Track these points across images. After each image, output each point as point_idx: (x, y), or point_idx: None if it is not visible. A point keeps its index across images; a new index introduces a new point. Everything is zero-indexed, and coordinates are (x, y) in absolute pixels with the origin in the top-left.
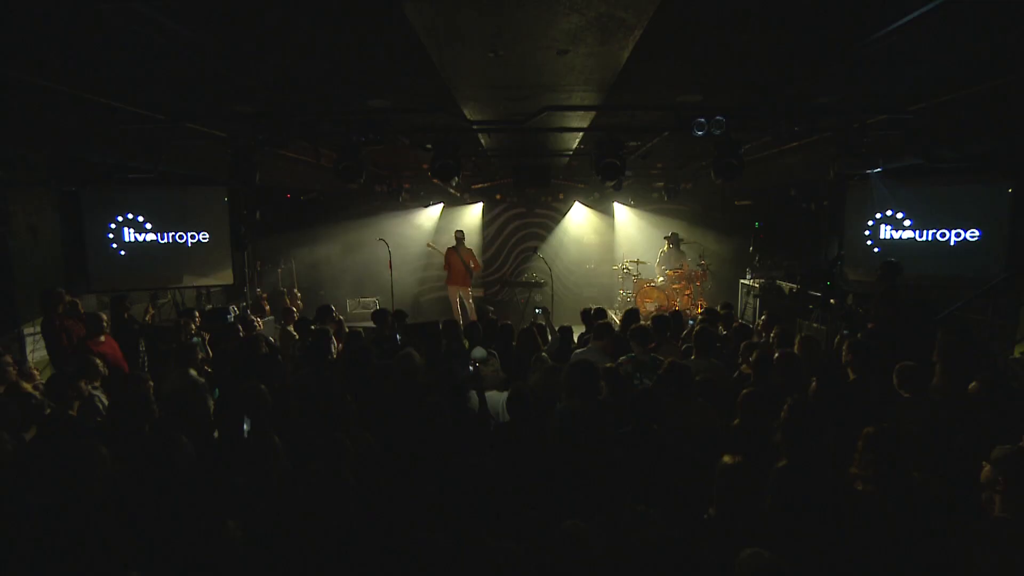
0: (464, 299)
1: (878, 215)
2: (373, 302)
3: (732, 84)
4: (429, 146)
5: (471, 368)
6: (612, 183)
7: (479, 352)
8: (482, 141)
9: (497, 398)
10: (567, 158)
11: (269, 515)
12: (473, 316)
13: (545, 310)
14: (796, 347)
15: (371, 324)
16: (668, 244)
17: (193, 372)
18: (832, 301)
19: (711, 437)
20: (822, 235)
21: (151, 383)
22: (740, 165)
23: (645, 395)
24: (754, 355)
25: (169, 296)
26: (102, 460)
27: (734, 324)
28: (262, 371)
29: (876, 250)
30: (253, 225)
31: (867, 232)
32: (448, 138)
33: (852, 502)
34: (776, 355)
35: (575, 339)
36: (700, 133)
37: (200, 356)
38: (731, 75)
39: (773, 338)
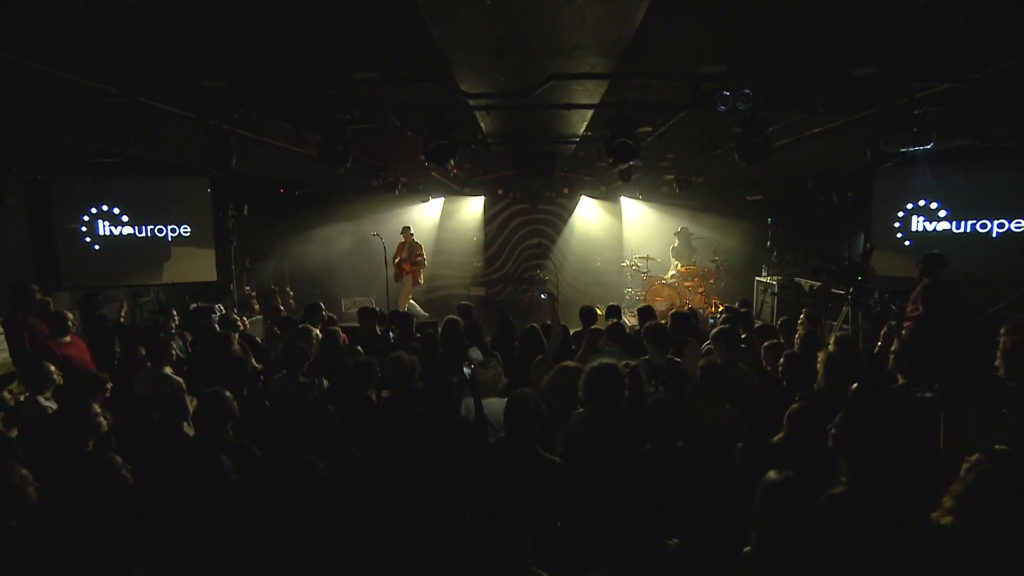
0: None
1: (909, 205)
2: (369, 301)
3: (761, 52)
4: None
5: (465, 371)
6: (624, 166)
7: (476, 353)
8: (482, 126)
9: (498, 406)
10: (574, 145)
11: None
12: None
13: (551, 295)
14: (833, 349)
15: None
16: (678, 240)
17: (168, 371)
18: (876, 297)
19: (748, 452)
20: (845, 229)
21: (109, 386)
22: (766, 145)
23: (665, 407)
24: (783, 358)
25: (152, 295)
26: (12, 483)
27: (756, 324)
28: (230, 375)
29: (907, 243)
30: (241, 219)
31: (897, 224)
32: (443, 117)
33: (936, 539)
34: (821, 357)
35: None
36: (723, 108)
37: (176, 356)
38: (760, 40)
39: (799, 339)
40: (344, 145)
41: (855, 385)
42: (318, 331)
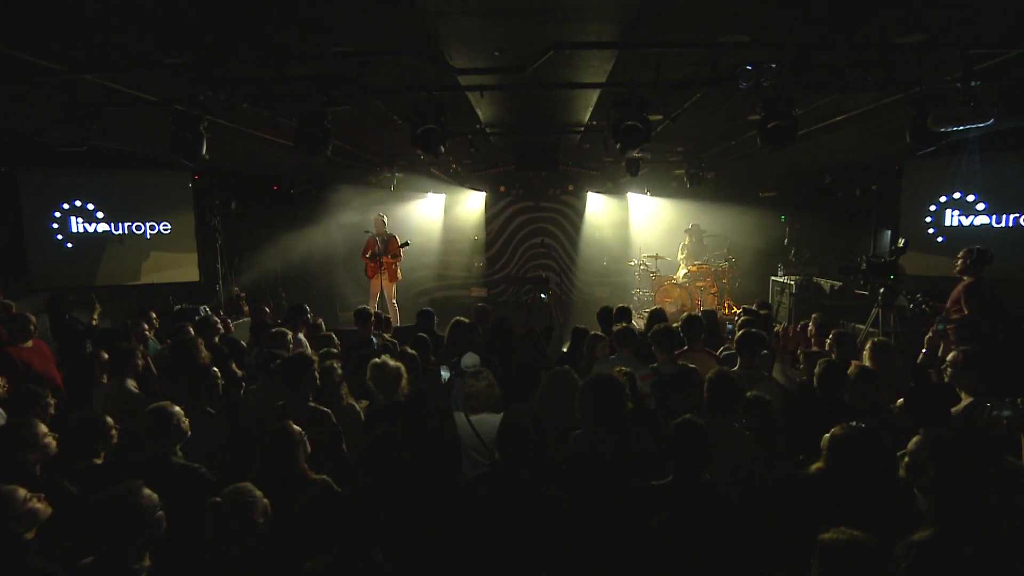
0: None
1: (943, 198)
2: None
3: (789, 18)
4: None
5: (443, 375)
6: (632, 154)
7: (470, 360)
8: (479, 113)
9: (490, 423)
10: (579, 135)
11: None
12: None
13: (550, 293)
14: (868, 357)
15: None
16: (689, 237)
17: (131, 384)
18: (913, 298)
19: (781, 488)
20: (868, 225)
21: (52, 401)
22: (792, 128)
23: (692, 430)
24: (819, 367)
25: (135, 296)
26: None
27: (776, 328)
28: (192, 386)
29: (939, 240)
30: (228, 216)
31: (928, 219)
32: (431, 98)
33: None
34: (854, 367)
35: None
36: (745, 85)
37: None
38: (788, 4)
39: (829, 345)
40: (323, 131)
41: (900, 401)
42: (302, 335)
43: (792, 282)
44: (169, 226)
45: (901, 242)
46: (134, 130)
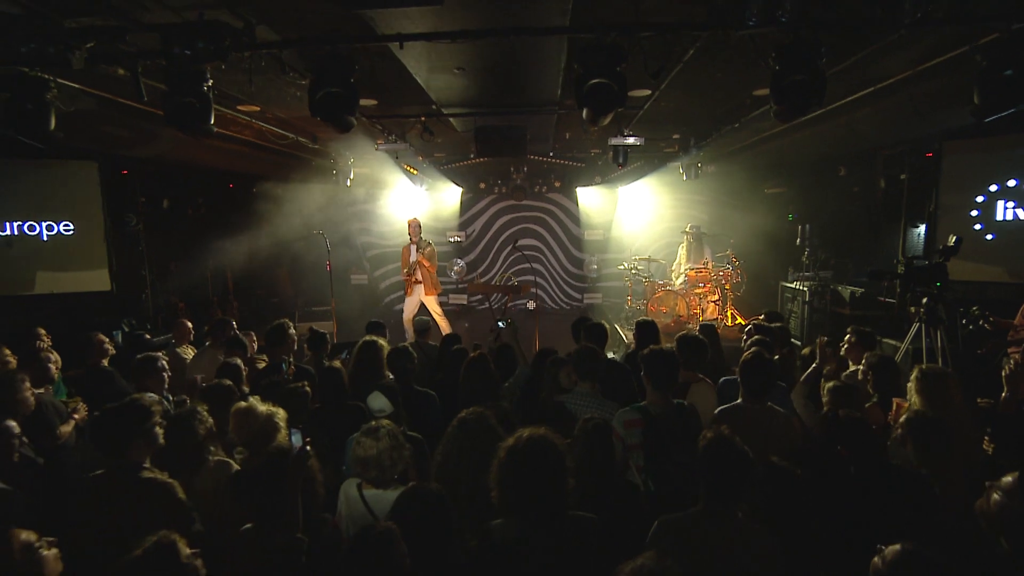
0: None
1: (993, 187)
2: (327, 312)
3: None
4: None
5: (293, 440)
6: (604, 121)
7: (376, 403)
8: (426, 88)
9: (385, 501)
10: (553, 113)
11: None
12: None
13: (511, 324)
14: (915, 389)
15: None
16: (689, 238)
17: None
18: (974, 311)
19: None
20: (896, 220)
21: None
22: (819, 84)
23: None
24: (904, 414)
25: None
26: None
27: (803, 350)
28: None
29: (988, 237)
30: (159, 216)
31: (975, 212)
32: (335, 52)
33: None
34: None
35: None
36: (754, 24)
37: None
38: None
39: (865, 372)
40: (199, 99)
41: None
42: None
43: (805, 288)
44: (72, 226)
45: (952, 239)
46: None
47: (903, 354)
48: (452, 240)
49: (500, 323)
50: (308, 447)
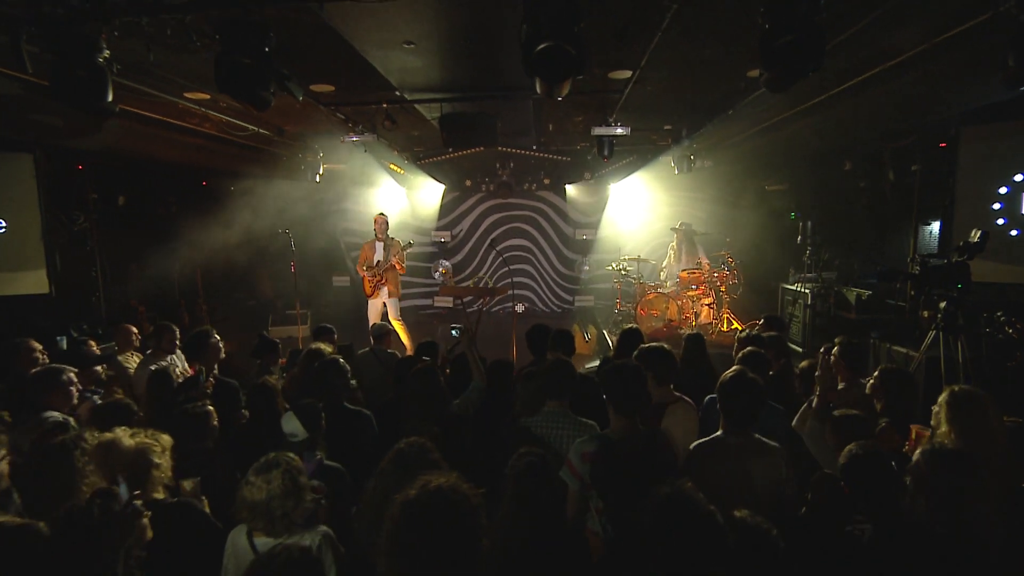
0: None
1: (1018, 176)
2: (305, 315)
3: None
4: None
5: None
6: (557, 90)
7: (289, 425)
8: (379, 70)
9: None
10: (527, 100)
11: None
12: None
13: (464, 331)
14: (945, 418)
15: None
16: (679, 237)
17: None
18: (999, 317)
19: None
20: (907, 215)
21: None
22: (818, 42)
23: None
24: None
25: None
26: None
27: (801, 364)
28: None
29: (1014, 232)
30: (115, 213)
31: (997, 205)
32: (247, 16)
33: None
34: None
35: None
36: None
37: None
38: None
39: (876, 387)
40: (93, 71)
41: None
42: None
43: (807, 291)
44: (4, 224)
45: (976, 234)
46: None
47: (917, 364)
48: (437, 241)
49: (453, 330)
50: (138, 502)
